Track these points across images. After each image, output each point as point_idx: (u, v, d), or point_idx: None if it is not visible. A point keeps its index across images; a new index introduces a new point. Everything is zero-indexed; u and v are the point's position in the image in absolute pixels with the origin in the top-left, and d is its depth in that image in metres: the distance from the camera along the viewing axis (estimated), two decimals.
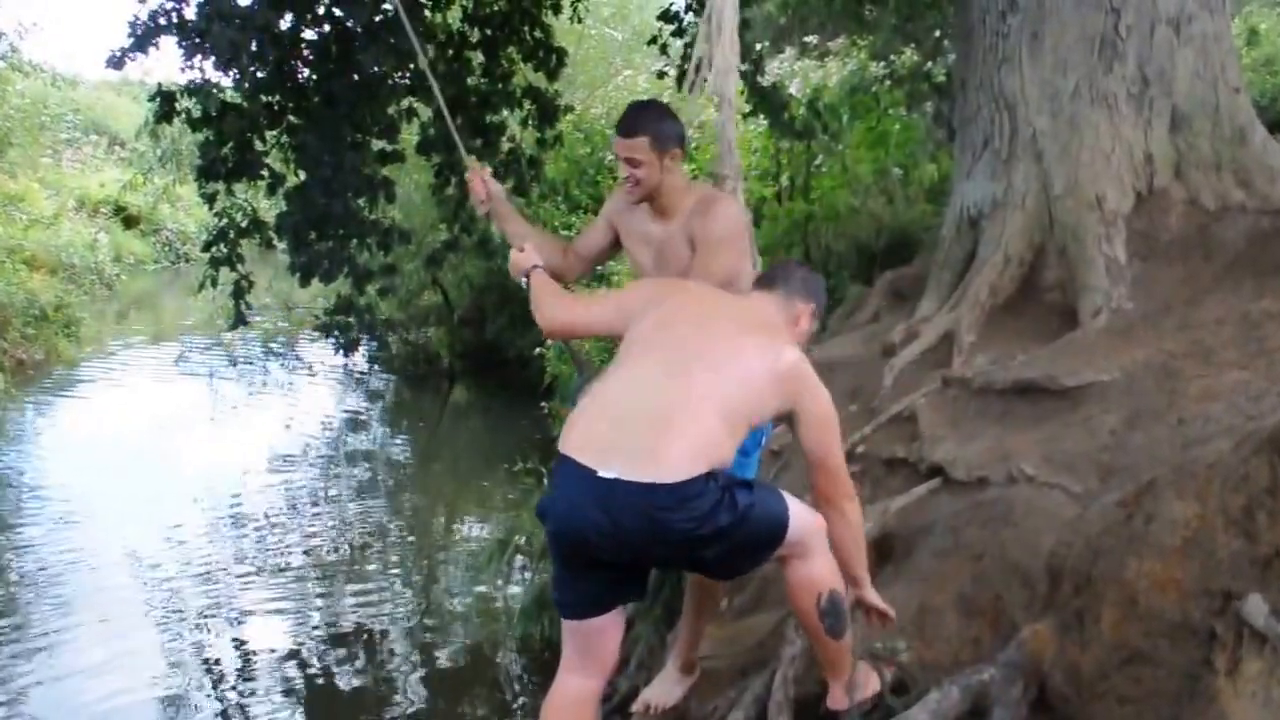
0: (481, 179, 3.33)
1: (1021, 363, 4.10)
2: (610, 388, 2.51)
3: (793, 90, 8.99)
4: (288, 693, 5.35)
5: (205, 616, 6.20)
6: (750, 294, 2.80)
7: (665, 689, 3.17)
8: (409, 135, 7.26)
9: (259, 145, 6.61)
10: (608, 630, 2.58)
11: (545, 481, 5.50)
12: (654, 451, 2.33)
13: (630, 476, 2.31)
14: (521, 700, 5.32)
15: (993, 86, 4.93)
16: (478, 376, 11.21)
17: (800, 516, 2.54)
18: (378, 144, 6.83)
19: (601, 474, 2.33)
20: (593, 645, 2.57)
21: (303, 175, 6.61)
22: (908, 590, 3.14)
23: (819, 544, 2.57)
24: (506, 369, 10.25)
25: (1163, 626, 2.44)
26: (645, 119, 2.99)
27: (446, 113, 3.84)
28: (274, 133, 6.67)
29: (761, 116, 7.94)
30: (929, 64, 9.14)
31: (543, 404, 6.94)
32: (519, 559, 6.19)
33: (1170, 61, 4.70)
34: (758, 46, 7.78)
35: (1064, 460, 3.35)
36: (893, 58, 9.28)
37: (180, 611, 6.27)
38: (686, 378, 2.45)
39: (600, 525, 2.34)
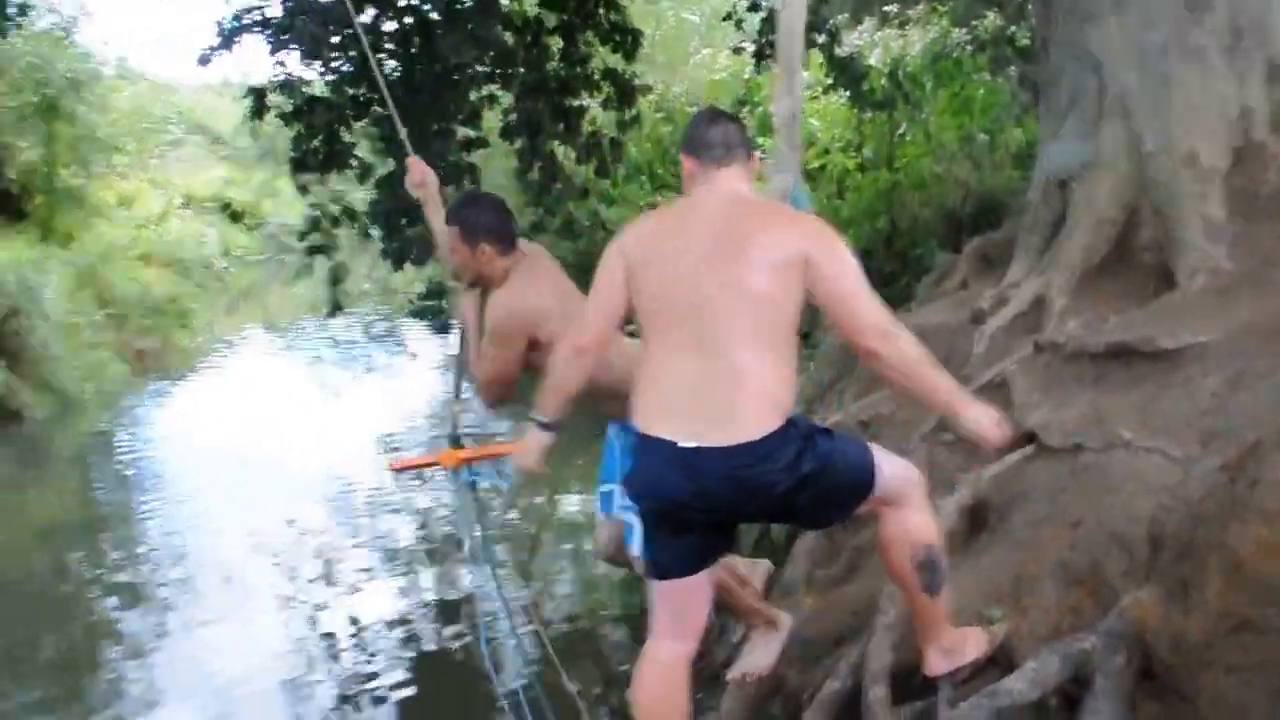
0: (421, 168, 3.57)
1: (1116, 325, 3.99)
2: (659, 362, 2.51)
3: (874, 60, 8.85)
4: (401, 662, 5.46)
5: (321, 591, 6.37)
6: (721, 177, 2.63)
7: (759, 653, 3.17)
8: (491, 123, 7.36)
9: (347, 136, 6.77)
10: (698, 591, 2.62)
11: None
12: (726, 414, 2.37)
13: (710, 443, 2.36)
14: (625, 669, 5.37)
15: (1077, 45, 4.77)
16: None
17: (891, 467, 2.54)
18: (462, 131, 6.93)
19: (681, 444, 2.38)
20: (684, 607, 2.61)
21: (391, 164, 6.75)
22: (1003, 558, 3.10)
23: (915, 497, 2.56)
24: None
25: (1271, 594, 2.37)
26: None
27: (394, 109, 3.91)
28: (361, 123, 6.83)
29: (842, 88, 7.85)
30: (1012, 27, 8.90)
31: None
32: None
33: (1264, 10, 4.50)
34: (835, 19, 7.67)
35: (1163, 424, 3.25)
36: (975, 23, 9.06)
37: (297, 587, 6.44)
38: (716, 331, 2.43)
39: (689, 493, 2.41)
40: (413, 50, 6.68)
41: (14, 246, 12.24)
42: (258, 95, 6.66)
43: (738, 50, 8.02)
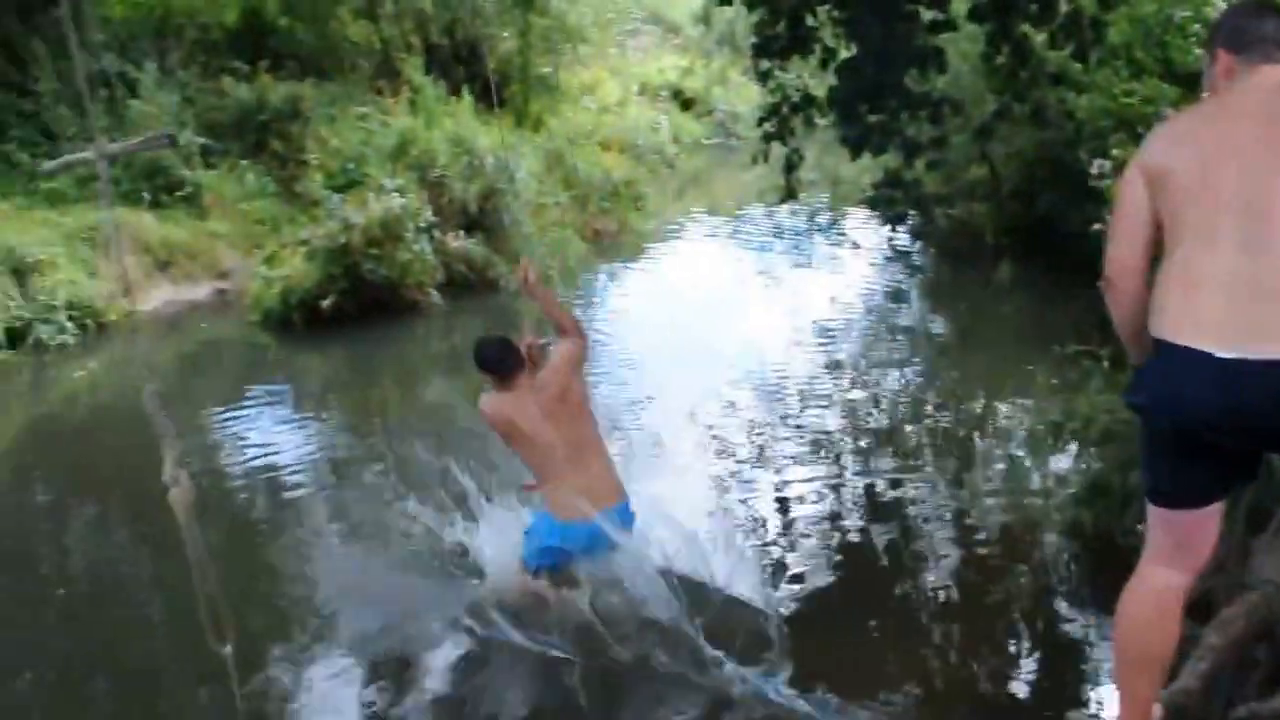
0: (527, 268, 4.61)
1: None
2: (1193, 263, 2.24)
3: None
4: (823, 551, 5.53)
5: (750, 471, 6.58)
6: (1268, 73, 2.32)
7: None
8: (960, 5, 6.99)
9: (811, 21, 6.71)
10: (1207, 522, 2.37)
11: (1105, 365, 5.18)
12: (1277, 323, 2.09)
13: (1256, 355, 2.09)
14: (1064, 586, 5.12)
15: None
16: (1024, 254, 10.73)
17: None
18: (928, 13, 6.64)
19: (1220, 355, 2.12)
20: (1188, 538, 2.37)
21: (854, 49, 6.62)
22: None
23: None
24: (1057, 247, 9.71)
25: None
26: None
27: None
28: (826, 7, 6.72)
29: None
30: None
31: (1099, 284, 6.44)
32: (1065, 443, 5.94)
33: None
34: None
35: None
36: None
37: (727, 464, 6.70)
38: (1267, 228, 2.15)
39: (1219, 411, 2.16)
40: None
41: (493, 132, 13.41)
42: None
43: None
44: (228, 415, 8.10)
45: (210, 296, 11.87)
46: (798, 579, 5.21)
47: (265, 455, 7.20)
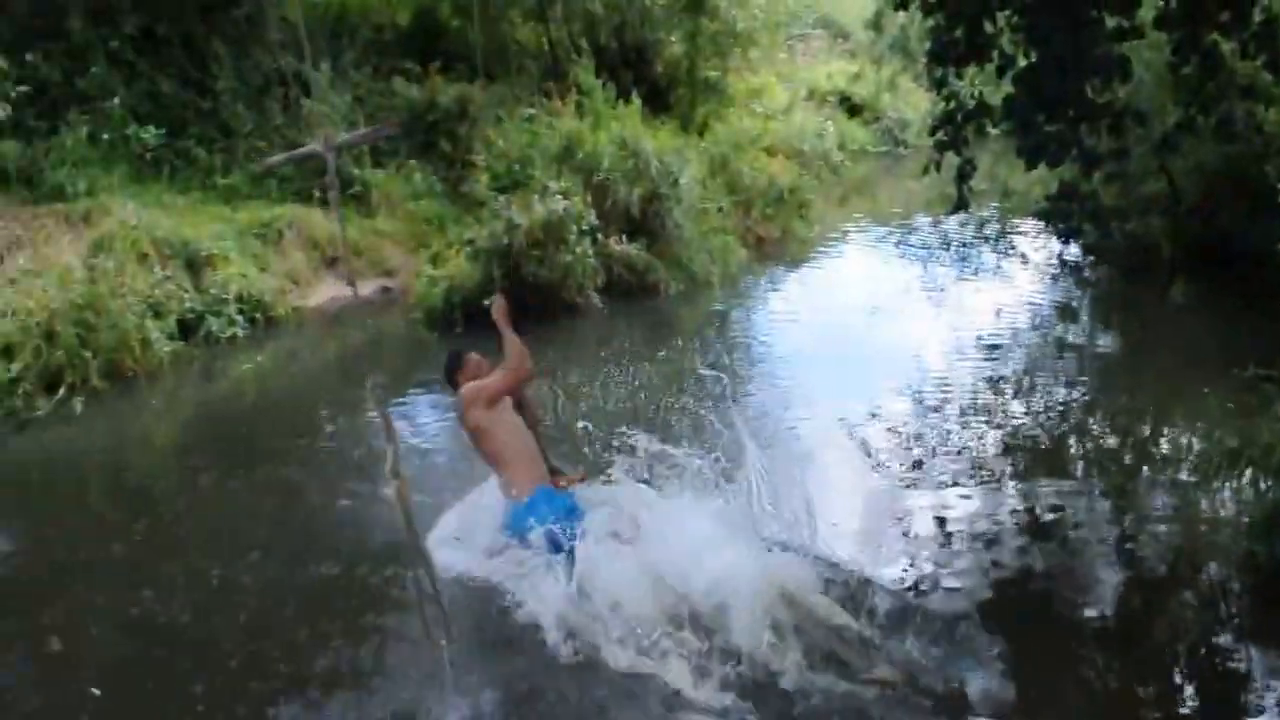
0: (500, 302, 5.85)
1: None
2: None
3: None
4: (978, 569, 5.41)
5: (903, 482, 6.50)
6: None
7: None
8: (1146, 10, 6.74)
9: (990, 27, 6.57)
10: None
11: None
12: None
13: None
14: (1234, 620, 4.91)
15: None
16: (1203, 272, 10.25)
17: None
18: (1112, 20, 6.43)
19: None
20: None
21: (1034, 56, 6.46)
22: None
23: None
24: (1238, 265, 9.27)
25: None
26: None
27: None
28: (1006, 13, 6.58)
29: None
30: None
31: None
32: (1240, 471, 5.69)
33: None
34: None
35: None
36: None
37: (880, 477, 6.63)
38: None
39: None
40: None
41: (659, 136, 13.50)
42: None
43: None
44: (389, 408, 8.35)
45: (375, 293, 12.26)
46: (951, 596, 5.14)
47: (423, 445, 7.47)
